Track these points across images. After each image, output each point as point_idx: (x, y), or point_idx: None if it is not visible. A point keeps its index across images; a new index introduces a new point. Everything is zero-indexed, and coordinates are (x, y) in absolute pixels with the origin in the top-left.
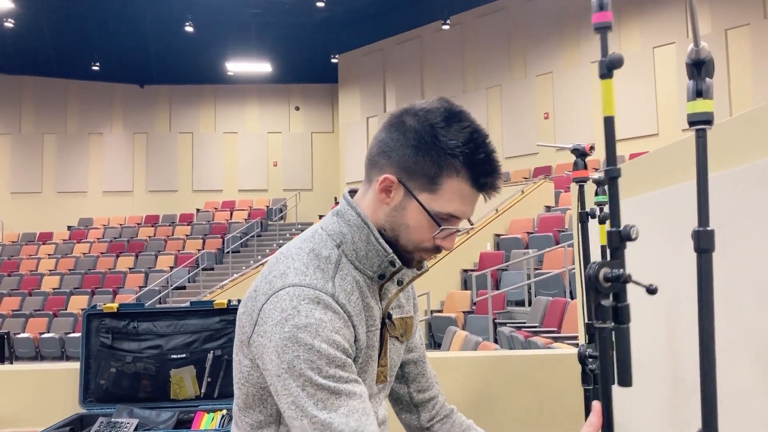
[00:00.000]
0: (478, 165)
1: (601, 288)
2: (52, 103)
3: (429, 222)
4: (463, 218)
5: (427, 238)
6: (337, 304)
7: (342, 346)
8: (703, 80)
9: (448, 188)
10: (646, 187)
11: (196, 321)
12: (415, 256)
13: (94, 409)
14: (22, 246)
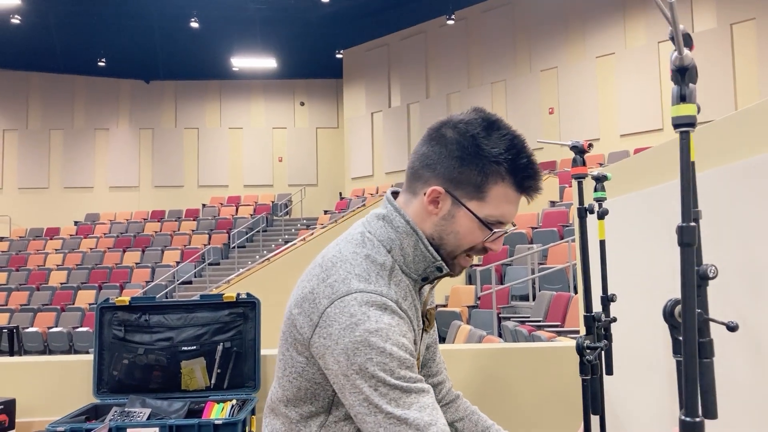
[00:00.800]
0: (521, 169)
1: (677, 324)
2: (59, 99)
3: (479, 227)
4: (510, 221)
5: (477, 242)
6: (400, 309)
7: (409, 348)
8: (687, 85)
9: (495, 194)
10: (646, 183)
11: (206, 314)
12: (458, 262)
13: (108, 399)
14: (30, 241)
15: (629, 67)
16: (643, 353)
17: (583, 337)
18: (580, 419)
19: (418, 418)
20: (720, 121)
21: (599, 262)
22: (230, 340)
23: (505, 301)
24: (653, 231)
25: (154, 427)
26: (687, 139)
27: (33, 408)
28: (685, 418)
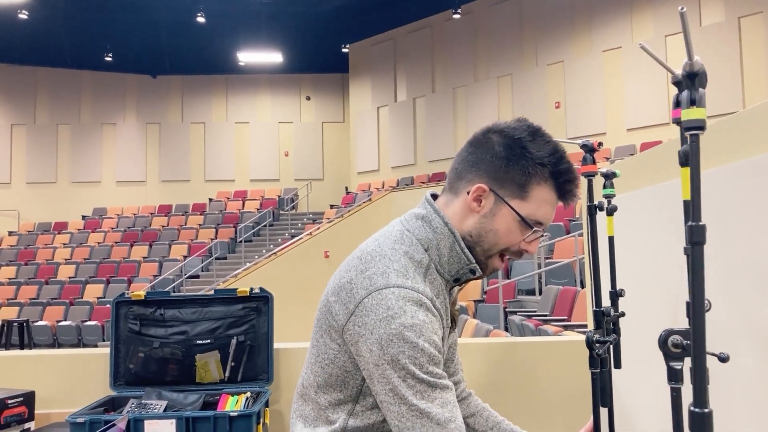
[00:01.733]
0: (562, 174)
1: (671, 353)
2: (66, 94)
3: (519, 226)
4: (547, 223)
5: (515, 242)
6: (434, 307)
7: (438, 345)
8: (697, 90)
9: (536, 195)
10: (655, 179)
11: (220, 308)
12: (491, 263)
13: (124, 391)
14: (38, 235)
15: (636, 61)
16: (650, 347)
17: (592, 331)
18: (588, 412)
19: (440, 413)
20: (727, 119)
21: (608, 258)
22: (244, 334)
23: (512, 296)
24: (661, 227)
25: (171, 419)
26: (697, 142)
27: (51, 400)
28: (695, 409)
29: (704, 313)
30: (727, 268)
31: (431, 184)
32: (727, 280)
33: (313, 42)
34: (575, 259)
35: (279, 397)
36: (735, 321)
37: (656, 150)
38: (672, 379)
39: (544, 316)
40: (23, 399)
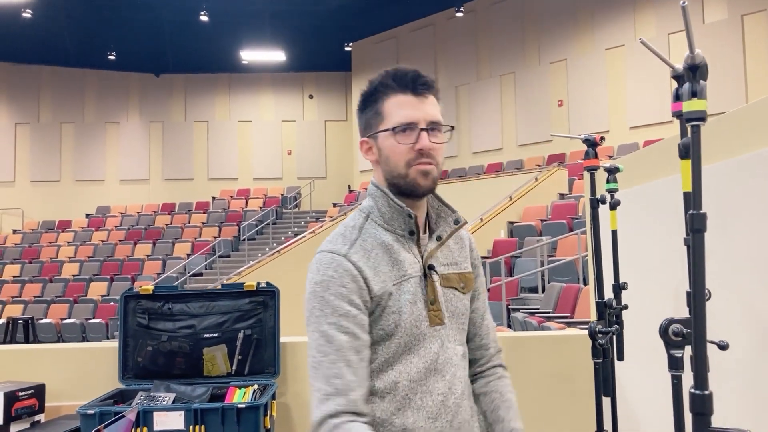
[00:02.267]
0: (397, 77)
1: (671, 341)
2: (70, 93)
3: (396, 138)
4: (417, 121)
5: (406, 151)
6: (350, 262)
7: (348, 297)
8: (698, 82)
9: (388, 108)
10: (657, 174)
11: (227, 302)
12: (411, 175)
13: (133, 384)
14: (42, 234)
15: (639, 59)
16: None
17: (595, 322)
18: (590, 405)
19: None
20: (728, 115)
21: (611, 252)
22: (251, 328)
23: (515, 293)
24: (663, 221)
25: (180, 410)
26: (698, 133)
27: (61, 393)
28: (695, 391)
29: (705, 298)
30: (728, 262)
31: None
32: (727, 274)
33: (315, 40)
34: (578, 256)
35: (285, 390)
36: (734, 312)
37: (658, 146)
38: (672, 366)
39: (547, 313)
40: (34, 391)
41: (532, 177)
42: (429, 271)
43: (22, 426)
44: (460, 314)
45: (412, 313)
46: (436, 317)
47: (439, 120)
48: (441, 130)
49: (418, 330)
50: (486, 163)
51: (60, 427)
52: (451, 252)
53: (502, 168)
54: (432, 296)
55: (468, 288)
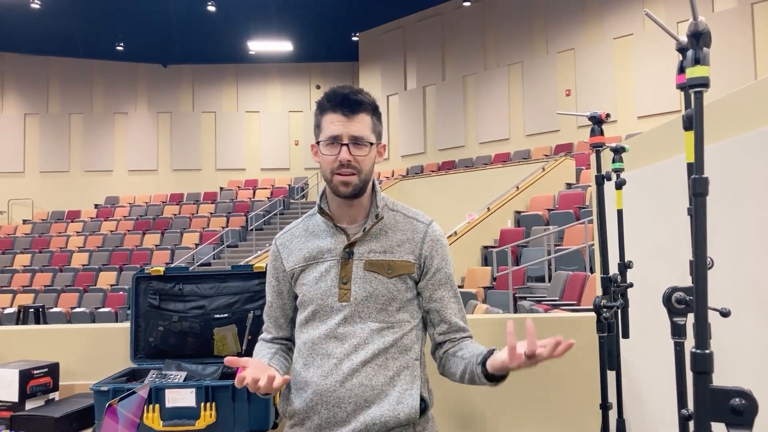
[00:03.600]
0: (330, 97)
1: (674, 309)
2: (78, 84)
3: (324, 150)
4: (340, 137)
5: (331, 162)
6: (275, 245)
7: (270, 270)
8: (701, 49)
9: (323, 124)
10: (662, 156)
11: (237, 283)
12: (333, 182)
13: (144, 364)
14: (52, 224)
15: (647, 48)
16: (657, 318)
17: (600, 296)
18: (595, 381)
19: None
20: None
21: (617, 232)
22: (260, 309)
23: (521, 282)
24: (669, 202)
25: (191, 388)
26: (701, 99)
27: (74, 372)
28: (696, 351)
29: (707, 262)
30: (732, 238)
31: (441, 172)
32: (732, 250)
33: (322, 30)
34: (585, 245)
35: None
36: (737, 285)
37: (663, 127)
38: (675, 334)
39: (553, 301)
40: (48, 370)
41: (539, 167)
42: (345, 255)
43: (37, 403)
44: (379, 295)
45: (317, 288)
46: (345, 295)
47: (362, 136)
48: (366, 144)
49: (326, 303)
50: (493, 153)
51: (74, 405)
52: (389, 241)
53: (510, 158)
54: (344, 277)
55: (394, 273)
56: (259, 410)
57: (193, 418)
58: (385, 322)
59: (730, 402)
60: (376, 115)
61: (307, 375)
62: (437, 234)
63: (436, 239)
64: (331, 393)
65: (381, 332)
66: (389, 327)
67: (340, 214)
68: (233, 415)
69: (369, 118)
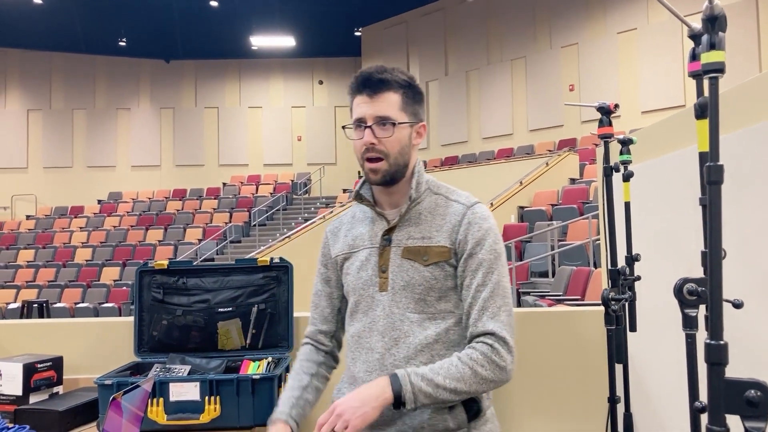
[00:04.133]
0: (356, 80)
1: (686, 300)
2: (81, 79)
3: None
4: (364, 118)
5: (359, 146)
6: (325, 232)
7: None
8: (716, 34)
9: (353, 105)
10: (669, 148)
11: (241, 277)
12: (364, 168)
13: (148, 357)
14: (55, 219)
15: (651, 43)
16: (665, 312)
17: (608, 289)
18: (602, 375)
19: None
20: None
21: (623, 224)
22: (264, 302)
23: (525, 277)
24: (677, 195)
25: (195, 381)
26: (716, 85)
27: (78, 365)
28: (711, 342)
29: (721, 251)
30: (741, 231)
31: (444, 168)
32: (741, 243)
33: (325, 26)
34: (588, 240)
35: None
36: (750, 276)
37: (670, 119)
38: (687, 325)
39: (557, 295)
40: (52, 364)
41: (543, 162)
42: (384, 242)
43: (41, 397)
44: (416, 284)
45: (359, 278)
46: (384, 284)
47: (384, 115)
48: (393, 124)
49: (367, 293)
50: (496, 148)
51: (78, 398)
52: (428, 226)
53: (513, 153)
54: (383, 265)
55: (430, 260)
56: (263, 404)
57: (197, 412)
58: (425, 313)
59: (744, 394)
60: (409, 93)
61: (355, 370)
62: (476, 216)
63: (473, 222)
64: None
65: (422, 324)
66: (430, 318)
67: (382, 199)
68: (237, 409)
69: (397, 97)
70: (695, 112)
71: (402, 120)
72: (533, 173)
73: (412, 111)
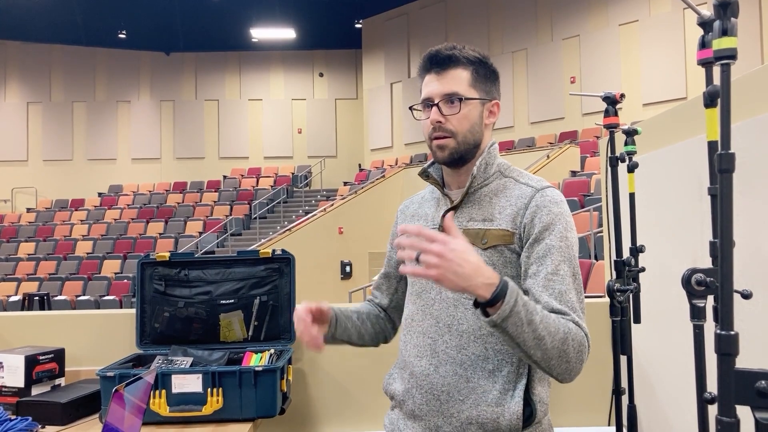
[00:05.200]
0: (423, 59)
1: (694, 291)
2: (81, 72)
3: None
4: (431, 96)
5: (427, 126)
6: (398, 211)
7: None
8: (728, 20)
9: (422, 87)
10: (673, 139)
11: (243, 269)
12: (432, 148)
13: (150, 349)
14: (56, 212)
15: (653, 35)
16: (670, 303)
17: (613, 280)
18: (606, 366)
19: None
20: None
21: (629, 216)
22: (266, 294)
23: None
24: (682, 186)
25: (198, 373)
26: (728, 71)
27: (80, 358)
28: (721, 332)
29: (732, 240)
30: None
31: None
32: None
33: (326, 18)
34: (590, 233)
35: (301, 355)
36: (756, 268)
37: (675, 110)
38: (695, 316)
39: None
40: (54, 356)
41: (544, 154)
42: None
43: (43, 389)
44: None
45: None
46: None
47: (452, 92)
48: (460, 100)
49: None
50: (497, 140)
51: (81, 390)
52: (492, 208)
53: (514, 146)
54: None
55: (489, 244)
56: (266, 396)
57: (199, 404)
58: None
59: (755, 385)
60: (480, 70)
61: (406, 354)
62: (546, 200)
63: (542, 205)
64: (425, 377)
65: (477, 313)
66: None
67: (450, 180)
68: (240, 400)
69: (466, 74)
70: (704, 100)
71: (471, 96)
72: (534, 166)
73: (483, 88)
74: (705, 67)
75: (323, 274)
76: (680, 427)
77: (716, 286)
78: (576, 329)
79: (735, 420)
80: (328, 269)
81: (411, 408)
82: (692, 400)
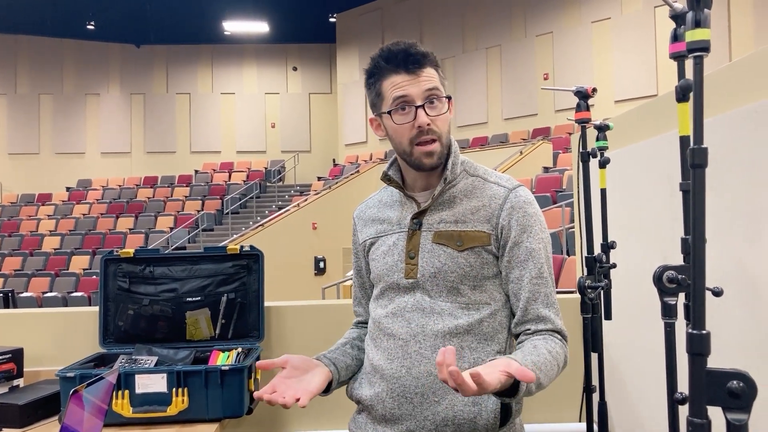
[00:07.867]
0: (388, 57)
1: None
2: (48, 63)
3: (396, 118)
4: (412, 97)
5: (407, 130)
6: (353, 218)
7: (352, 246)
8: (702, 11)
9: (385, 88)
10: (644, 135)
11: (210, 266)
12: (414, 154)
13: (114, 348)
14: (22, 207)
15: (625, 32)
16: (640, 300)
17: (584, 277)
18: (577, 364)
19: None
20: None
21: (599, 212)
22: (234, 292)
23: None
24: (652, 182)
25: (162, 372)
26: (701, 64)
27: (40, 357)
28: (693, 332)
29: (704, 237)
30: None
31: None
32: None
33: (299, 11)
34: (562, 228)
35: (270, 353)
36: (725, 263)
37: (646, 106)
38: (666, 314)
39: None
40: (11, 356)
41: (517, 151)
42: (413, 226)
43: (0, 390)
44: (448, 272)
45: (385, 263)
46: (411, 271)
47: (435, 92)
48: (441, 100)
49: (392, 279)
50: (471, 137)
51: (39, 391)
52: (463, 209)
53: (487, 142)
54: (411, 251)
55: (465, 246)
56: (233, 396)
57: (164, 404)
58: (458, 303)
59: (727, 385)
60: (439, 69)
61: (374, 356)
62: (520, 200)
63: (517, 206)
64: (397, 380)
65: (453, 314)
66: (463, 308)
67: (413, 181)
68: (206, 401)
69: (435, 72)
70: (676, 94)
71: (444, 95)
72: (507, 162)
73: (444, 86)
74: (677, 61)
75: (297, 271)
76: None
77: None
78: (561, 347)
79: (706, 421)
80: (301, 265)
81: (381, 413)
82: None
